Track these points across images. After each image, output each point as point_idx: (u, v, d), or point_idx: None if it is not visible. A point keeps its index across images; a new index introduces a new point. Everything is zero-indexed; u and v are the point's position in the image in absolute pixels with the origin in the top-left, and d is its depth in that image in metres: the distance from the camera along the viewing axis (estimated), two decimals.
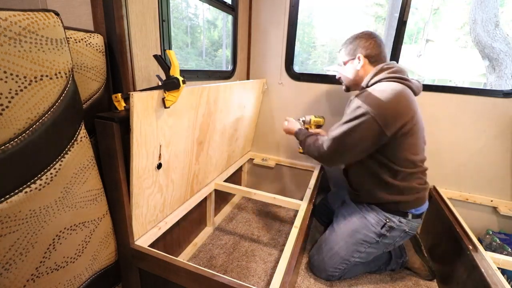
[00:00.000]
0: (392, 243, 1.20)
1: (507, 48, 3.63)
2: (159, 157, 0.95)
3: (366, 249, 1.21)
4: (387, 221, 1.16)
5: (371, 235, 1.18)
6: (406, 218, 1.15)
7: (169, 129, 0.96)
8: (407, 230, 1.17)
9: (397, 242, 1.21)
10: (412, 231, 1.19)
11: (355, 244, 1.21)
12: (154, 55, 0.83)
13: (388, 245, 1.21)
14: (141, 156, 0.86)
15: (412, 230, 1.18)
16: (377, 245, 1.20)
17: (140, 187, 0.90)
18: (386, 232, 1.16)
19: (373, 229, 1.18)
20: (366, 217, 1.20)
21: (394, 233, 1.17)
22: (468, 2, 9.20)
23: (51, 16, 0.61)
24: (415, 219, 1.17)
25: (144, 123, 0.82)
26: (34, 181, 0.63)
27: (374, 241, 1.19)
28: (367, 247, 1.20)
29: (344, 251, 1.22)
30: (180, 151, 1.08)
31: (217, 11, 1.51)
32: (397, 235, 1.18)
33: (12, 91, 0.56)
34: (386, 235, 1.17)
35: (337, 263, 1.23)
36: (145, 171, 0.90)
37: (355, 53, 1.18)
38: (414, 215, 1.16)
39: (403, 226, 1.16)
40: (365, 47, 1.16)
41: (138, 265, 0.96)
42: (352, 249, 1.21)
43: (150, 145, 0.88)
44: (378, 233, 1.17)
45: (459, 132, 1.53)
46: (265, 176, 2.06)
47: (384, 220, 1.16)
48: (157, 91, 0.83)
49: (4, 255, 0.60)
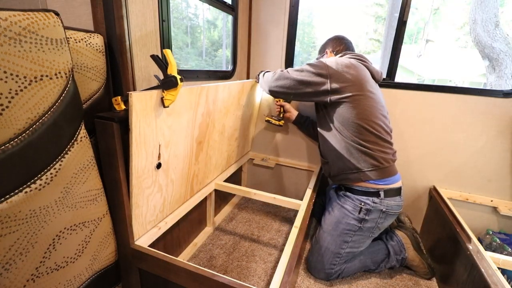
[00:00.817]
0: (375, 226, 1.23)
1: (507, 48, 3.63)
2: (158, 157, 0.95)
3: (352, 237, 1.24)
4: (362, 204, 1.20)
5: (352, 223, 1.22)
6: (379, 198, 1.19)
7: (168, 128, 0.96)
8: (384, 209, 1.20)
9: (380, 224, 1.23)
10: (393, 211, 1.22)
11: (340, 235, 1.24)
12: (151, 55, 0.83)
13: (372, 228, 1.23)
14: (140, 156, 0.86)
15: (391, 209, 1.21)
16: (361, 231, 1.23)
17: (139, 187, 0.90)
18: (365, 216, 1.20)
19: (352, 216, 1.22)
20: (343, 207, 1.25)
21: (373, 215, 1.20)
22: (468, 2, 9.20)
23: (51, 16, 0.61)
24: (389, 198, 1.19)
25: (143, 123, 0.82)
26: (34, 181, 0.63)
27: (357, 227, 1.22)
28: (352, 235, 1.23)
29: (332, 245, 1.25)
30: (179, 151, 1.08)
31: (217, 11, 1.51)
32: (376, 217, 1.21)
33: (12, 91, 0.56)
34: (366, 219, 1.21)
35: (330, 258, 1.25)
36: (145, 171, 0.90)
37: (324, 50, 1.42)
38: (386, 193, 1.18)
39: (378, 206, 1.19)
40: (332, 45, 1.40)
41: (138, 265, 0.96)
42: (339, 241, 1.24)
43: (149, 145, 0.88)
44: (357, 218, 1.21)
45: (459, 132, 1.53)
46: (265, 176, 2.06)
47: (360, 205, 1.20)
48: (156, 91, 0.83)
49: (4, 255, 0.60)
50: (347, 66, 1.16)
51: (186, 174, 1.19)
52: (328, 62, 1.17)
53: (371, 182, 1.19)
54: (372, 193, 1.19)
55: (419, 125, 1.58)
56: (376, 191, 1.19)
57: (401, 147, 1.64)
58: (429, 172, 1.63)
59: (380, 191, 1.18)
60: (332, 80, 1.14)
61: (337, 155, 1.25)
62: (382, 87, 1.58)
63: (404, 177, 1.68)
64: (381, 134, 1.17)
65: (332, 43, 1.40)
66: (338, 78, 1.14)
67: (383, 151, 1.18)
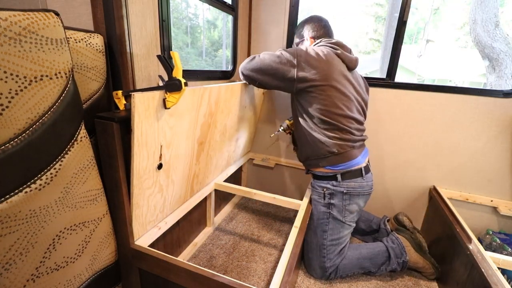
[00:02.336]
0: (342, 209, 1.26)
1: (507, 48, 3.63)
2: (159, 157, 0.95)
3: (328, 225, 1.27)
4: (325, 190, 1.27)
5: (322, 210, 1.28)
6: (337, 181, 1.24)
7: (170, 129, 0.96)
8: (345, 191, 1.24)
9: (347, 206, 1.26)
10: (356, 191, 1.24)
11: (318, 226, 1.29)
12: (158, 56, 0.82)
13: (342, 212, 1.26)
14: (142, 157, 0.86)
15: (353, 190, 1.24)
16: (332, 217, 1.27)
17: (140, 187, 0.90)
18: (329, 200, 1.26)
19: (320, 203, 1.29)
20: (313, 198, 1.34)
21: (337, 198, 1.25)
22: (468, 2, 9.20)
23: (51, 16, 0.61)
24: (348, 180, 1.23)
25: (145, 123, 0.82)
26: (34, 181, 0.63)
27: (327, 213, 1.27)
28: (327, 223, 1.28)
29: (314, 238, 1.30)
30: (180, 151, 1.08)
31: (217, 11, 1.51)
32: (340, 199, 1.25)
33: (12, 91, 0.56)
34: (332, 203, 1.26)
35: (317, 252, 1.29)
36: (146, 171, 0.90)
37: (303, 35, 1.38)
38: (343, 176, 1.23)
39: (338, 188, 1.24)
40: (312, 29, 1.35)
41: (138, 265, 0.96)
42: (318, 232, 1.29)
43: (151, 146, 0.88)
44: (325, 204, 1.27)
45: (459, 132, 1.53)
46: (265, 176, 2.06)
47: (322, 191, 1.27)
48: (158, 91, 0.83)
49: (4, 255, 0.60)
50: (317, 55, 1.16)
51: (187, 174, 1.19)
52: (298, 51, 1.17)
53: (327, 168, 1.25)
54: (330, 177, 1.26)
55: (419, 125, 1.58)
56: (333, 175, 1.24)
57: (401, 147, 1.64)
58: (429, 172, 1.63)
59: (336, 174, 1.24)
60: (299, 69, 1.15)
61: (301, 142, 1.32)
62: (382, 87, 1.58)
63: (404, 177, 1.68)
64: (340, 123, 1.19)
65: (311, 27, 1.35)
66: (305, 67, 1.15)
67: (340, 138, 1.21)
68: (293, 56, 1.16)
